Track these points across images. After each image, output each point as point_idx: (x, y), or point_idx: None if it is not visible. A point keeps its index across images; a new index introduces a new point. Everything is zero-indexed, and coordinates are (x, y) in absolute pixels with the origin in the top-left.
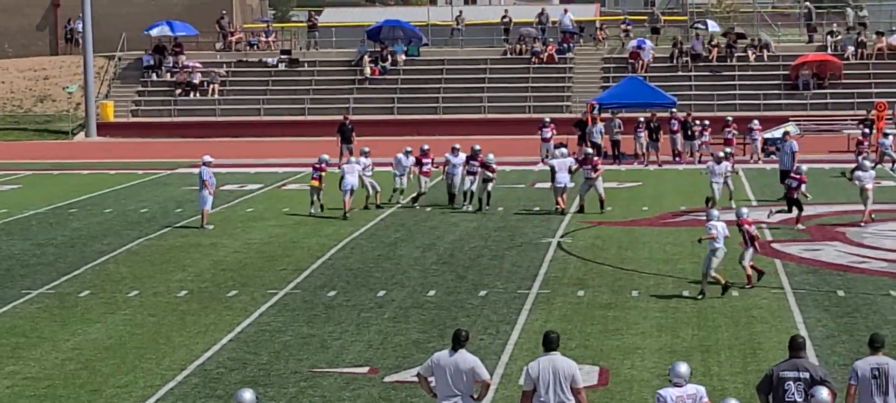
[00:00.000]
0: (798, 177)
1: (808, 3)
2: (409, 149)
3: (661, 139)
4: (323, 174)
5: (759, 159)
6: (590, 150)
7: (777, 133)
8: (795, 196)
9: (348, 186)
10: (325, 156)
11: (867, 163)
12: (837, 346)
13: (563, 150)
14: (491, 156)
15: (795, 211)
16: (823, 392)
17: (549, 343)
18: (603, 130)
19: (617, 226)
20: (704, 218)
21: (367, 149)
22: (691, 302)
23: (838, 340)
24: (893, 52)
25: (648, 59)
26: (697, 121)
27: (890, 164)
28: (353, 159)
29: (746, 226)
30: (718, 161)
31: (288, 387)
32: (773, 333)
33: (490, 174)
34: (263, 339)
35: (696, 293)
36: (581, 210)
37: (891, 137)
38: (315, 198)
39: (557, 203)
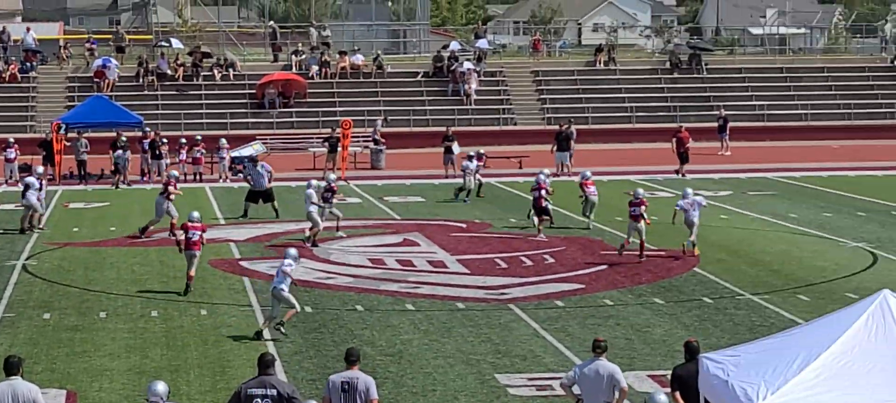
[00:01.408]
0: (541, 185)
1: (272, 23)
2: None
3: (130, 158)
4: None
5: (228, 178)
6: (175, 173)
7: (244, 151)
8: (544, 204)
9: None
10: None
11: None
12: (305, 362)
13: (40, 170)
14: None
15: (546, 218)
16: None
17: (10, 368)
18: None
19: (84, 247)
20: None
21: None
22: (160, 322)
23: (306, 356)
24: (356, 72)
25: (114, 78)
26: (165, 140)
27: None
28: None
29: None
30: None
31: None
32: (242, 350)
33: None
34: None
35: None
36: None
37: (475, 160)
38: None
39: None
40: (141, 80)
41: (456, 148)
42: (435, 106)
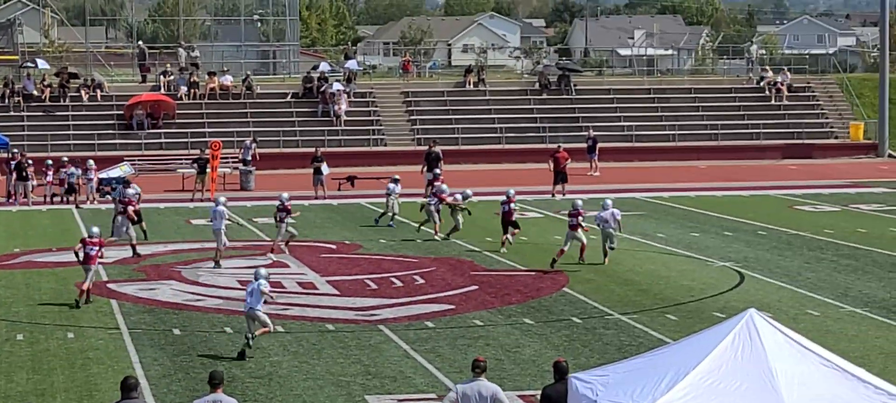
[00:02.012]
0: (508, 200)
1: (140, 44)
2: None
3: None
4: None
5: (95, 200)
6: (135, 189)
7: (112, 173)
8: (513, 217)
9: None
10: None
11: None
12: (174, 384)
13: None
14: None
15: (512, 228)
16: None
17: None
18: None
19: None
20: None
21: None
22: (26, 346)
23: (175, 378)
24: (226, 93)
25: None
26: (31, 161)
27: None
28: None
29: None
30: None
31: None
32: (109, 374)
33: None
34: None
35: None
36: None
37: (399, 185)
38: None
39: None
40: (7, 101)
41: (325, 168)
42: (305, 127)
